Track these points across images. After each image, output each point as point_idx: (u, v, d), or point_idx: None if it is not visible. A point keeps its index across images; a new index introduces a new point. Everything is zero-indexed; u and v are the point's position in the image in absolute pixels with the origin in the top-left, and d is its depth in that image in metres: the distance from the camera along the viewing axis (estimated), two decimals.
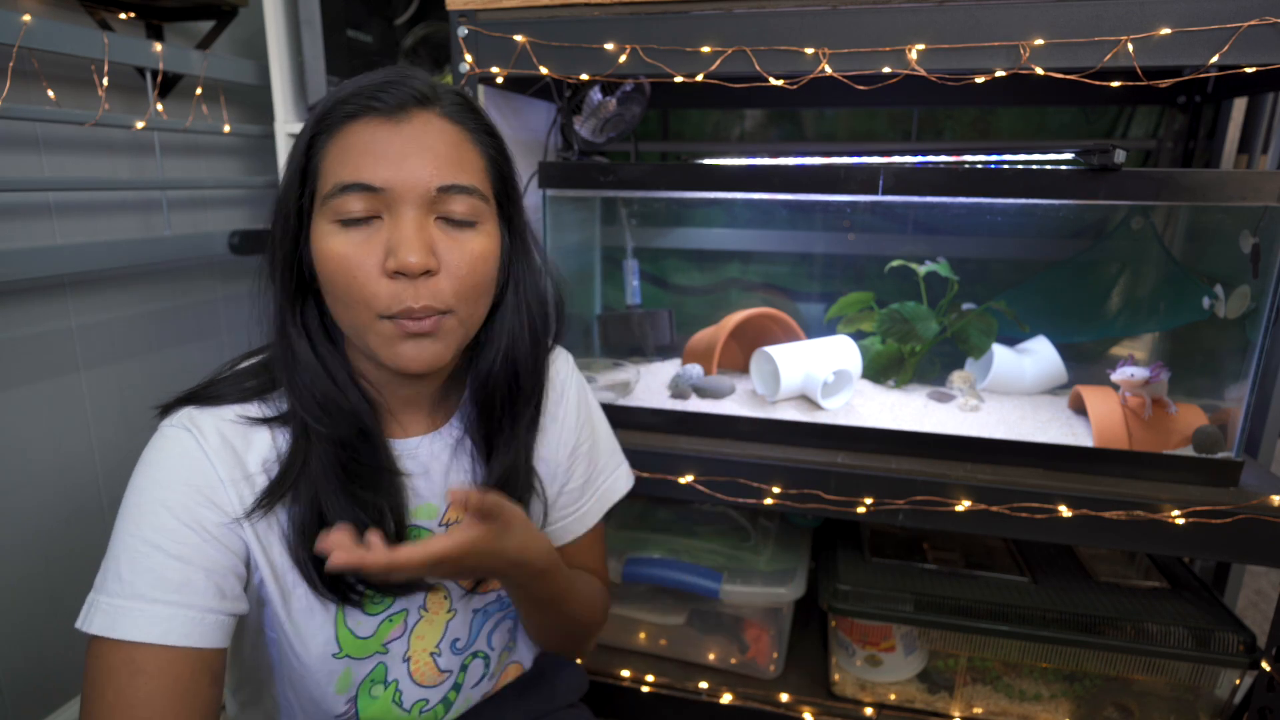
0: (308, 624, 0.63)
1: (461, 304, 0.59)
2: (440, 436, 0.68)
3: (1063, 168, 0.91)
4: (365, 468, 0.62)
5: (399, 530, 0.64)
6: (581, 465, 0.78)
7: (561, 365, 0.77)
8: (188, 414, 0.60)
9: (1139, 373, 0.95)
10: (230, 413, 0.61)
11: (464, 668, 0.72)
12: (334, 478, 0.60)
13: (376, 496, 0.62)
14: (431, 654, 0.69)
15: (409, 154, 0.56)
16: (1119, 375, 0.97)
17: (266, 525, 0.60)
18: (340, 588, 0.62)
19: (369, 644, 0.66)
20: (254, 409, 0.62)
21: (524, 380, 0.67)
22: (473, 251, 0.58)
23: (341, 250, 0.56)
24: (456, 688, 0.72)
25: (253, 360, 0.65)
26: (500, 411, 0.67)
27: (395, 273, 0.55)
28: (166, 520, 0.56)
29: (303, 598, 0.62)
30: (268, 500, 0.59)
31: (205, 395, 0.62)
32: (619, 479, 0.83)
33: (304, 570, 0.61)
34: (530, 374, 0.68)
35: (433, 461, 0.68)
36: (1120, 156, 0.84)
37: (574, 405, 0.76)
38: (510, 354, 0.65)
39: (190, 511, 0.56)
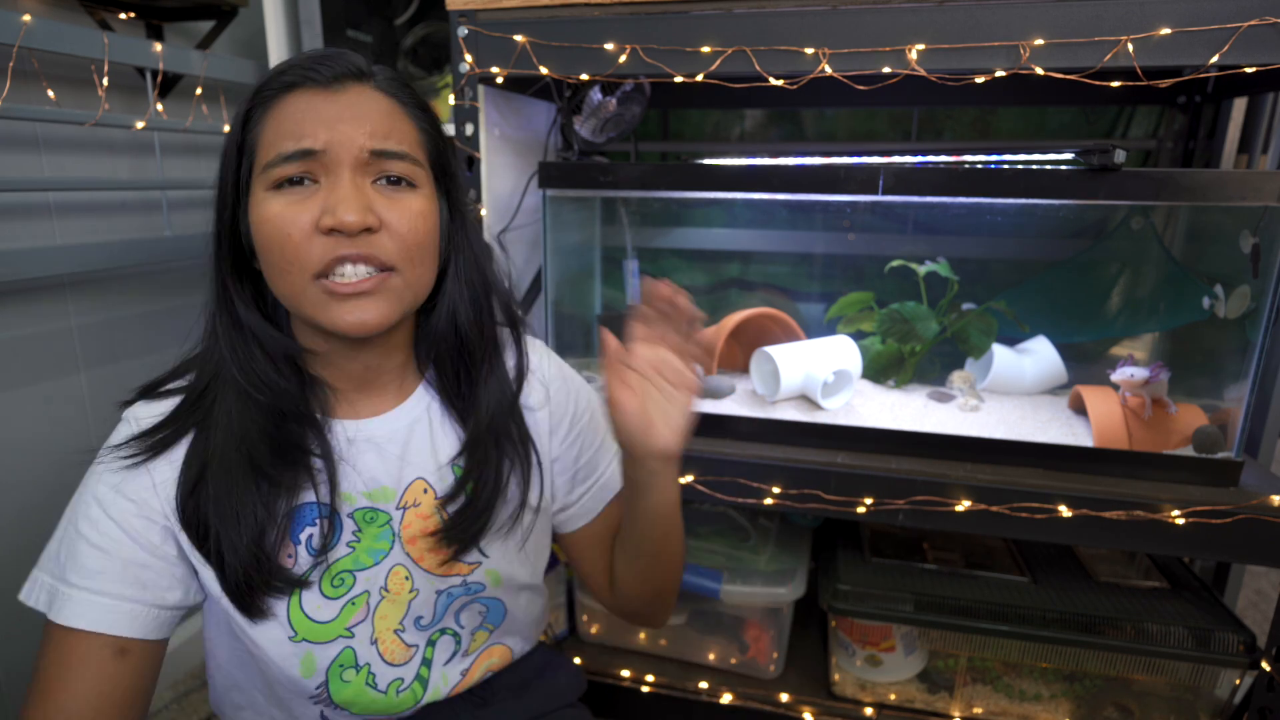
0: None
1: (405, 263, 0.59)
2: (397, 416, 0.68)
3: (1063, 168, 0.91)
4: (288, 447, 0.61)
5: (334, 517, 0.64)
6: (588, 434, 0.77)
7: (535, 351, 0.77)
8: (134, 408, 0.63)
9: (1139, 373, 0.95)
10: (170, 404, 0.62)
11: (431, 643, 0.71)
12: (241, 453, 0.60)
13: (291, 476, 0.61)
14: (395, 630, 0.69)
15: (344, 119, 0.57)
16: (1119, 375, 0.97)
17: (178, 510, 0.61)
18: (221, 564, 0.61)
19: (330, 628, 0.65)
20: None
21: (470, 341, 0.67)
22: (412, 209, 0.59)
23: (276, 211, 0.56)
24: (427, 663, 0.71)
25: (198, 358, 0.66)
26: (455, 376, 0.68)
27: (331, 229, 0.55)
28: (93, 511, 0.59)
29: None
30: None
31: (153, 388, 0.64)
32: None
33: (199, 545, 0.61)
34: (475, 336, 0.67)
35: (388, 442, 0.67)
36: (1120, 156, 0.84)
37: (558, 384, 0.76)
38: (452, 317, 0.66)
39: (115, 504, 0.59)
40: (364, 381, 0.66)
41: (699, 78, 0.93)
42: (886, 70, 0.87)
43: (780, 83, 0.91)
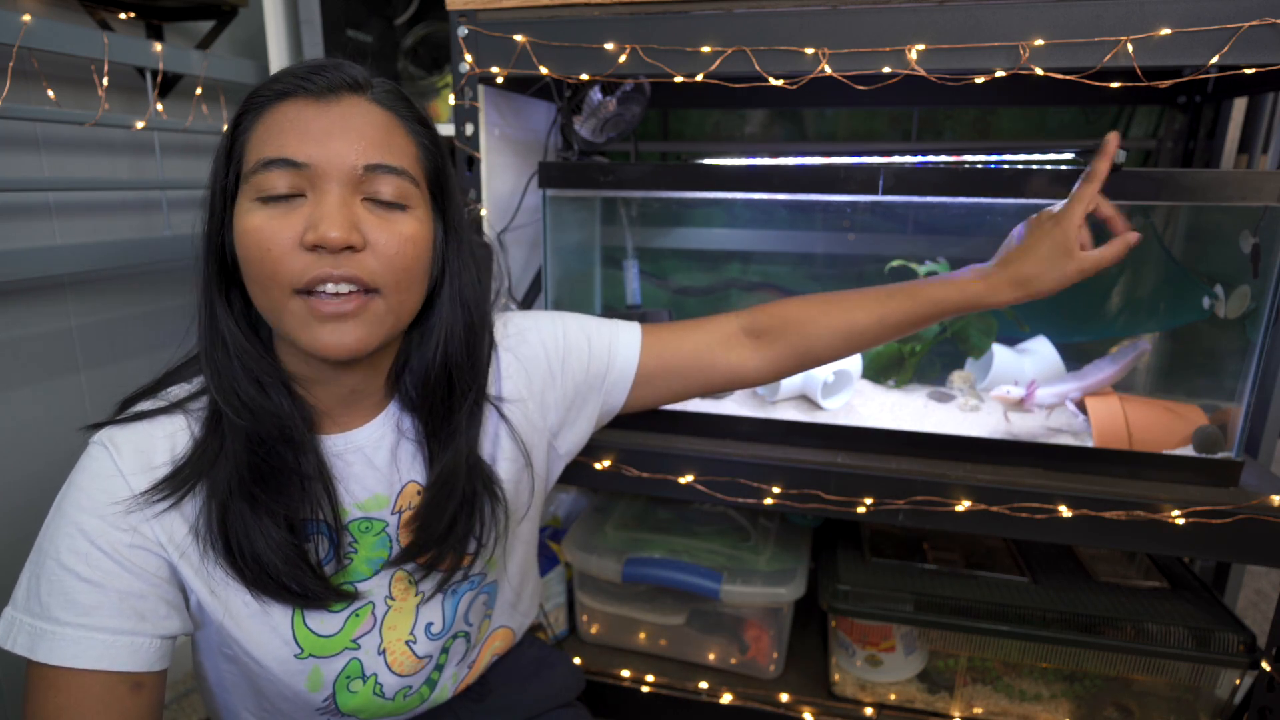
0: (259, 628, 0.61)
1: (390, 287, 0.57)
2: (382, 423, 0.67)
3: (1063, 168, 0.91)
4: (277, 472, 0.60)
5: (335, 535, 0.62)
6: (574, 371, 0.76)
7: (502, 325, 0.75)
8: (108, 431, 0.59)
9: (1015, 391, 1.00)
10: (150, 427, 0.60)
11: (445, 650, 0.71)
12: (239, 483, 0.58)
13: (285, 502, 0.60)
14: (407, 642, 0.68)
15: (335, 133, 0.55)
16: (997, 392, 1.01)
17: (191, 538, 0.58)
18: (277, 589, 0.60)
19: (335, 641, 0.64)
20: (178, 422, 0.60)
21: (457, 377, 0.65)
22: (401, 233, 0.57)
23: (258, 224, 0.54)
24: (439, 668, 0.71)
25: (183, 368, 0.65)
26: (439, 407, 0.66)
27: (314, 246, 0.54)
28: (80, 544, 0.55)
29: (247, 604, 0.60)
30: (163, 495, 0.57)
31: (129, 409, 0.61)
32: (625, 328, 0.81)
33: (239, 574, 0.59)
34: (466, 371, 0.66)
35: (376, 450, 0.66)
36: (1121, 156, 0.84)
37: (531, 360, 0.75)
38: (446, 349, 0.64)
39: (104, 535, 0.55)
40: (345, 400, 0.65)
41: (699, 78, 0.93)
42: (886, 70, 0.87)
43: (780, 83, 0.91)
